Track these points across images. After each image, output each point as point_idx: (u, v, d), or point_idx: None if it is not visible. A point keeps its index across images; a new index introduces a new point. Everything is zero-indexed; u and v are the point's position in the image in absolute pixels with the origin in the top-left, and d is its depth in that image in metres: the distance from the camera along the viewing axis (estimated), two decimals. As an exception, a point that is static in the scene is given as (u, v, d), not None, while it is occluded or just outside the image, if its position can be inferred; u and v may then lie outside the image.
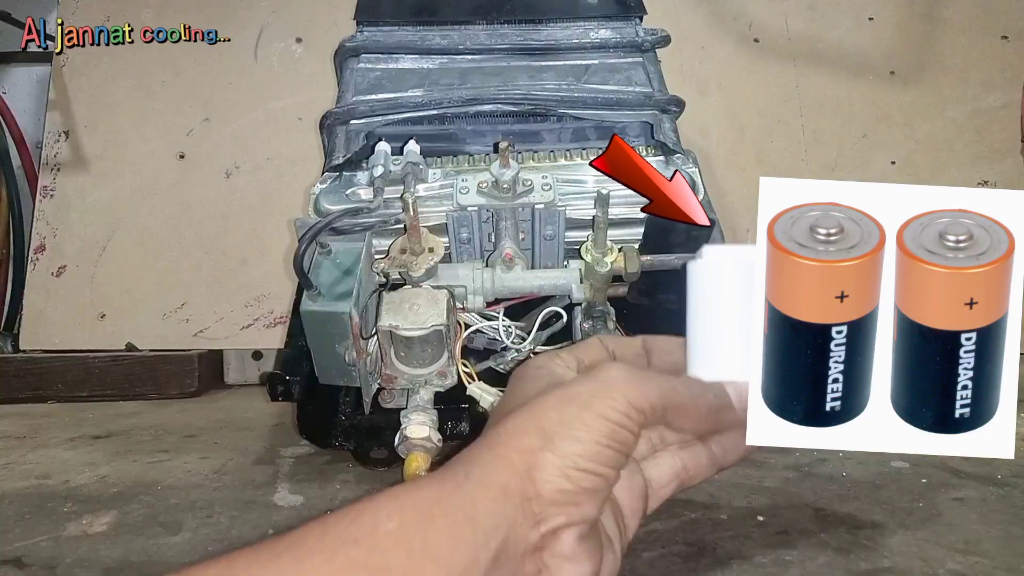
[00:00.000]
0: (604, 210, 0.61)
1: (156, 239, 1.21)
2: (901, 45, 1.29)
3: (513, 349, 0.68)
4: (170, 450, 0.77)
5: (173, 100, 1.26)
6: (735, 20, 1.30)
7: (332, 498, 0.61)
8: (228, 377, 1.25)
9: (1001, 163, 1.24)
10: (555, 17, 0.94)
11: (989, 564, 0.45)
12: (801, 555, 0.46)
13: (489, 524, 0.31)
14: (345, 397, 0.71)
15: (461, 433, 0.70)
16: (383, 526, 0.31)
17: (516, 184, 0.68)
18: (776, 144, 1.25)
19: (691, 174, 0.74)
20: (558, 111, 0.82)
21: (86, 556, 0.50)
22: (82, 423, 0.93)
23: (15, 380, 1.09)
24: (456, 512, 0.31)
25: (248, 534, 0.54)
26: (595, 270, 0.64)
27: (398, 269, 0.64)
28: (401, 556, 0.30)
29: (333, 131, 0.81)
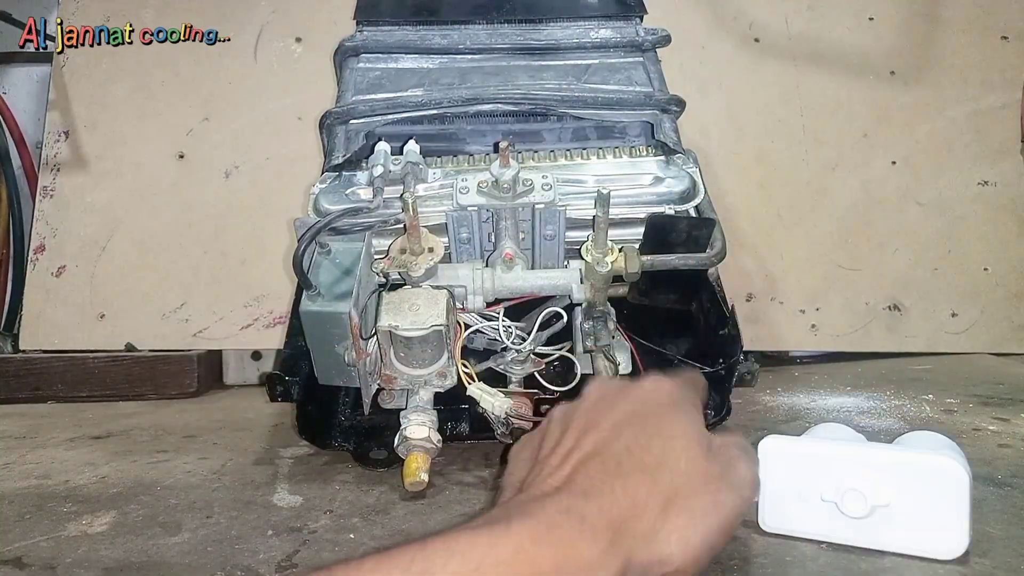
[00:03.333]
0: (604, 210, 0.61)
1: (155, 239, 1.21)
2: (901, 45, 1.28)
3: (513, 349, 0.67)
4: (169, 450, 0.77)
5: (173, 100, 1.26)
6: (735, 20, 1.30)
7: (332, 498, 0.61)
8: (227, 377, 1.25)
9: (1001, 163, 1.24)
10: (555, 17, 0.94)
11: (989, 564, 0.44)
12: (801, 555, 0.46)
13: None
14: (345, 397, 0.71)
15: (461, 434, 0.70)
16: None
17: (516, 184, 0.68)
18: (776, 144, 1.25)
19: (691, 174, 0.74)
20: (558, 110, 0.82)
21: (86, 556, 0.50)
22: (82, 423, 0.93)
23: (15, 380, 1.09)
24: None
25: (247, 534, 0.54)
26: (595, 270, 0.64)
27: (398, 269, 0.64)
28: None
29: (333, 131, 0.81)
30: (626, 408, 0.44)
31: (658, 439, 0.41)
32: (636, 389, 0.46)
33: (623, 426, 0.42)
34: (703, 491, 0.40)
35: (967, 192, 1.24)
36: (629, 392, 0.45)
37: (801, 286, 1.20)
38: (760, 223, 1.22)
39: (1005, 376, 1.07)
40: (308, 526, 0.55)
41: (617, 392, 0.46)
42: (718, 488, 0.41)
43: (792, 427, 0.80)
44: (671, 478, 0.39)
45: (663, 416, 0.43)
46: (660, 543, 0.38)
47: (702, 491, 0.40)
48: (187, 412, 1.00)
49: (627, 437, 0.42)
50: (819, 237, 1.22)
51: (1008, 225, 1.23)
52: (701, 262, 0.65)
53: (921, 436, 0.50)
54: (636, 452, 0.41)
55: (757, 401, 0.93)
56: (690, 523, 0.39)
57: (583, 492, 0.38)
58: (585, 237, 0.66)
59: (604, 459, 0.40)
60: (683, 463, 0.40)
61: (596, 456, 0.41)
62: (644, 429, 0.42)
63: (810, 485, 0.47)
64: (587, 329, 0.67)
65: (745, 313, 1.16)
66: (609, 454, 0.41)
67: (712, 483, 0.41)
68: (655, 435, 0.42)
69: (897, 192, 1.24)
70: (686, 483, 0.40)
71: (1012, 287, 1.21)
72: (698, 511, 0.39)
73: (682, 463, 0.40)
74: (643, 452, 0.40)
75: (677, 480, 0.39)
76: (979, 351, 1.20)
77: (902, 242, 1.22)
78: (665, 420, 0.43)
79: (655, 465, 0.40)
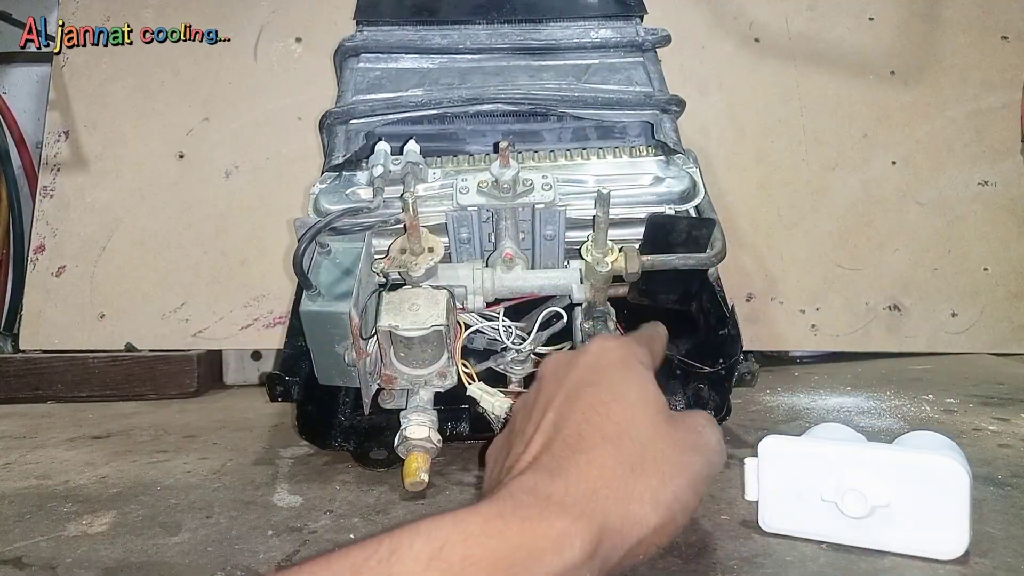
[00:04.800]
0: (604, 210, 0.61)
1: (155, 239, 1.21)
2: (901, 45, 1.28)
3: (513, 349, 0.67)
4: (169, 450, 0.77)
5: (172, 100, 1.26)
6: (735, 20, 1.30)
7: (331, 499, 0.61)
8: (227, 377, 1.25)
9: (1001, 163, 1.24)
10: (555, 17, 0.94)
11: (989, 564, 0.44)
12: (801, 555, 0.46)
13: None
14: (345, 398, 0.71)
15: (461, 434, 0.70)
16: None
17: (516, 184, 0.68)
18: (776, 144, 1.25)
19: (691, 174, 0.74)
20: (558, 111, 0.82)
21: (86, 556, 0.50)
22: (82, 423, 0.93)
23: (15, 380, 1.09)
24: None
25: (247, 534, 0.54)
26: (595, 270, 0.63)
27: (398, 269, 0.64)
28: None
29: (333, 131, 0.81)
30: (576, 377, 0.44)
31: (616, 405, 0.42)
32: (583, 355, 0.46)
33: (577, 396, 0.43)
34: (669, 452, 0.40)
35: (967, 192, 1.24)
36: (577, 360, 0.46)
37: (801, 286, 1.20)
38: (760, 223, 1.22)
39: (1005, 376, 1.07)
40: (308, 526, 0.55)
41: (567, 363, 0.46)
42: (683, 450, 0.41)
43: (792, 427, 0.80)
44: (634, 444, 0.40)
45: (616, 378, 0.43)
46: (633, 504, 0.38)
47: (669, 452, 0.40)
48: (187, 412, 1.00)
49: (584, 407, 0.42)
50: (819, 237, 1.22)
51: (1008, 225, 1.23)
52: (701, 262, 0.65)
53: (921, 436, 0.50)
54: (595, 420, 0.41)
55: (757, 401, 0.93)
56: (660, 483, 0.39)
57: (548, 471, 0.38)
58: (585, 237, 0.66)
59: (565, 435, 0.41)
60: (646, 428, 0.41)
61: (557, 434, 0.41)
62: (599, 396, 0.42)
63: (810, 485, 0.47)
64: (587, 329, 0.67)
65: (745, 313, 1.16)
66: (569, 429, 0.41)
67: (677, 445, 0.41)
68: (612, 401, 0.42)
69: (897, 192, 1.24)
70: (651, 446, 0.40)
71: (1012, 287, 1.21)
72: (666, 471, 0.39)
73: (645, 428, 0.41)
74: (603, 420, 0.41)
75: (641, 446, 0.40)
76: (979, 351, 1.20)
77: (902, 242, 1.22)
78: (618, 383, 0.43)
79: (617, 433, 0.40)
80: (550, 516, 0.35)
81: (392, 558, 0.31)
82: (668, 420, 0.42)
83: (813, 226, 1.23)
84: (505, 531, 0.33)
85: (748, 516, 0.51)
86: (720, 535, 0.50)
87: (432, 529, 0.32)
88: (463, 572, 0.31)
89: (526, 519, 0.34)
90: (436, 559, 0.31)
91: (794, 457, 0.48)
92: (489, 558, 0.32)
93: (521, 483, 0.37)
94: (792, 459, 0.48)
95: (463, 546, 0.32)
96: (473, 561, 0.31)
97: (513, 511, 0.35)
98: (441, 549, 0.31)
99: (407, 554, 0.31)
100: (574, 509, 0.36)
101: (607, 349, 0.46)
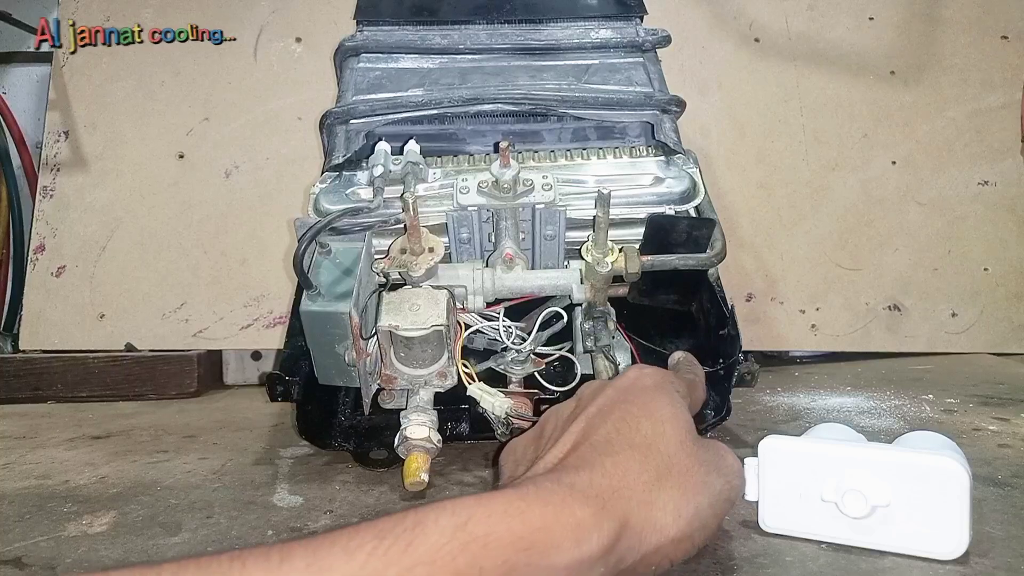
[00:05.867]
0: (605, 210, 0.61)
1: (155, 239, 1.21)
2: (901, 45, 1.28)
3: (513, 349, 0.67)
4: (169, 450, 0.77)
5: (173, 100, 1.26)
6: (735, 20, 1.30)
7: (331, 499, 0.61)
8: (227, 377, 1.25)
9: (1001, 163, 1.24)
10: (555, 17, 0.94)
11: (989, 564, 0.44)
12: (801, 555, 0.46)
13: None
14: (345, 398, 0.71)
15: (461, 434, 0.70)
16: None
17: (516, 184, 0.68)
18: (776, 144, 1.25)
19: (691, 174, 0.74)
20: (558, 111, 0.82)
21: (86, 556, 0.50)
22: (81, 423, 0.93)
23: (15, 380, 1.09)
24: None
25: (247, 535, 0.54)
26: (595, 270, 0.64)
27: (398, 269, 0.64)
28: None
29: (333, 131, 0.81)
30: (611, 395, 0.45)
31: (647, 420, 0.42)
32: (621, 379, 0.48)
33: (610, 410, 0.44)
34: (695, 470, 0.41)
35: (967, 192, 1.24)
36: (615, 382, 0.47)
37: (801, 286, 1.20)
38: (760, 223, 1.22)
39: (1005, 376, 1.07)
40: (308, 526, 0.55)
41: (604, 384, 0.48)
42: (708, 470, 0.42)
43: (792, 427, 0.80)
44: (661, 457, 0.41)
45: (648, 398, 0.44)
46: (656, 511, 0.38)
47: (694, 469, 0.41)
48: (187, 412, 1.00)
49: (615, 419, 0.43)
50: (819, 237, 1.22)
51: (1008, 225, 1.23)
52: (701, 262, 0.65)
53: (921, 436, 0.50)
54: (625, 432, 0.42)
55: (757, 401, 0.93)
56: (683, 496, 0.40)
57: (573, 467, 0.39)
58: (585, 237, 0.66)
59: (593, 440, 0.41)
60: (673, 444, 0.41)
61: (585, 439, 0.42)
62: (631, 411, 0.43)
63: (810, 485, 0.47)
64: (587, 329, 0.67)
65: (745, 313, 1.16)
66: (598, 436, 0.42)
67: (703, 465, 0.42)
68: (643, 416, 0.43)
69: (897, 192, 1.24)
70: (677, 462, 0.41)
71: (1012, 287, 1.21)
72: (690, 486, 0.40)
73: (672, 444, 0.41)
74: (632, 432, 0.42)
75: (667, 459, 0.41)
76: (979, 351, 1.20)
77: (902, 242, 1.22)
78: (651, 402, 0.44)
79: (645, 444, 0.41)
80: (572, 504, 0.35)
81: (416, 528, 0.32)
82: (695, 440, 0.43)
83: (813, 226, 1.23)
84: (527, 512, 0.34)
85: (748, 516, 0.51)
86: (720, 535, 0.50)
87: (457, 506, 0.33)
88: (484, 547, 0.32)
89: (548, 504, 0.35)
90: (460, 531, 0.32)
91: (794, 457, 0.48)
92: (509, 536, 0.33)
93: (545, 476, 0.38)
94: (792, 459, 0.48)
95: (487, 522, 0.33)
96: (495, 537, 0.32)
97: (536, 495, 0.35)
98: (466, 523, 0.32)
99: (432, 527, 0.32)
100: (596, 502, 0.36)
101: (645, 375, 0.47)
